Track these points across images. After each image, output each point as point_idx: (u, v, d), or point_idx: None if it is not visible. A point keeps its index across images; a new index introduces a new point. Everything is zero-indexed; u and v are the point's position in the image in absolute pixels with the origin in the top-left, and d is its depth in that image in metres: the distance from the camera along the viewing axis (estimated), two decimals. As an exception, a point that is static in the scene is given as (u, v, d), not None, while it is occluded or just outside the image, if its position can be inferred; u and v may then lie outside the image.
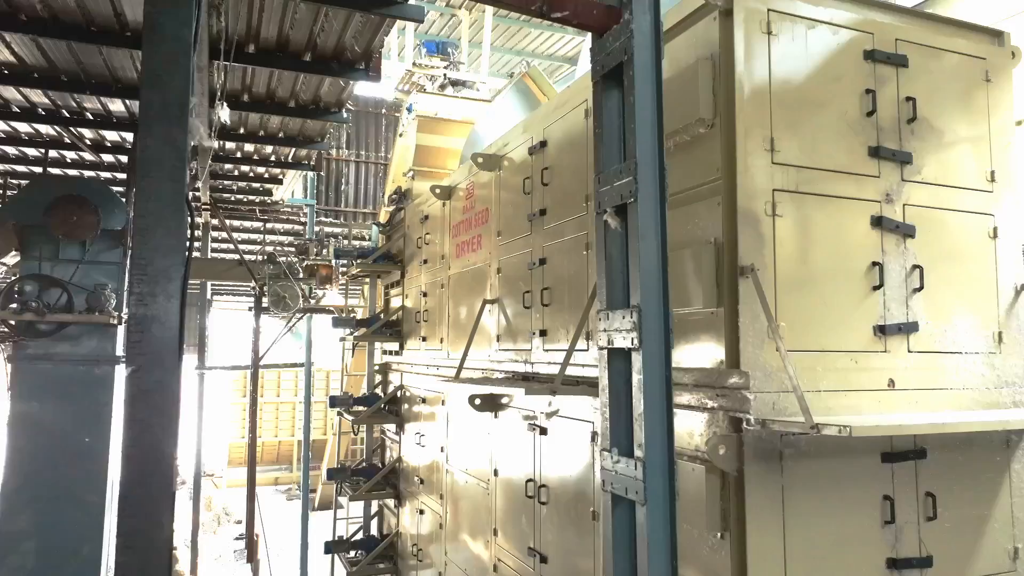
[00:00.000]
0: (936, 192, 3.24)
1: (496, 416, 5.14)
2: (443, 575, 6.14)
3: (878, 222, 3.07)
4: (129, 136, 6.87)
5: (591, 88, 3.99)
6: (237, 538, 11.47)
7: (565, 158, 4.24)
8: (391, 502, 7.88)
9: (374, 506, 8.71)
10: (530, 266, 4.61)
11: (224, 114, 4.08)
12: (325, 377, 21.52)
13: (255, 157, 7.75)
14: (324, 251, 10.23)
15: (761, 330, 2.80)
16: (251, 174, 8.83)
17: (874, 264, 3.05)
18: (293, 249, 11.12)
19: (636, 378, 2.17)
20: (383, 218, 11.67)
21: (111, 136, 6.93)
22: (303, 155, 7.79)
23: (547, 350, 4.36)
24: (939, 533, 3.06)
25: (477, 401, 5.17)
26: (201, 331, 11.87)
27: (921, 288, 3.12)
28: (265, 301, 9.63)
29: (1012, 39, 3.55)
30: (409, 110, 8.30)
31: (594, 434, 3.79)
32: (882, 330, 3.03)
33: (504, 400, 5.11)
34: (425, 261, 7.05)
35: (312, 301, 9.97)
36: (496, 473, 5.09)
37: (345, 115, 5.88)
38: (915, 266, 3.13)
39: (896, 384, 3.04)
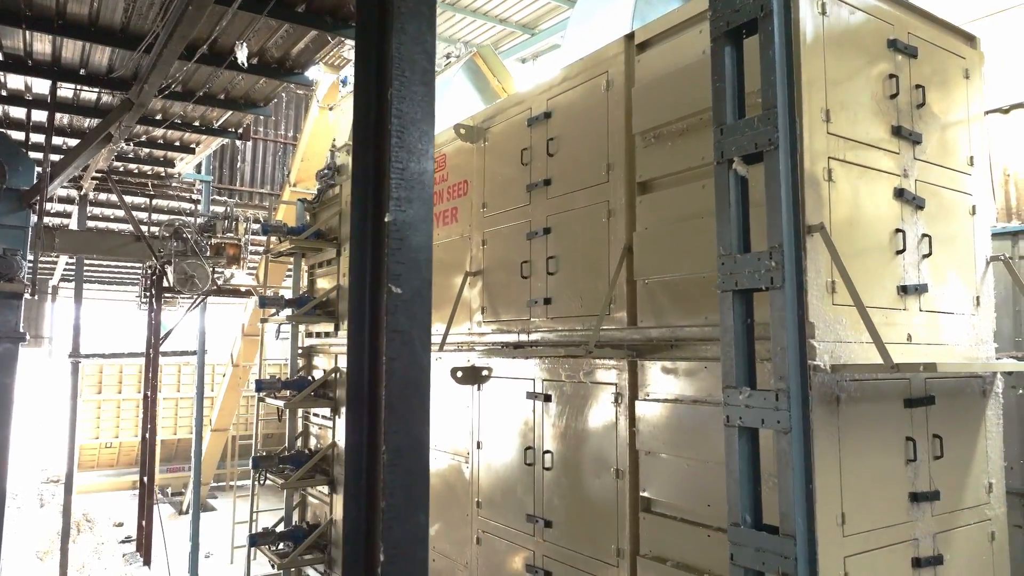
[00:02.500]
0: (935, 171, 3.66)
1: (479, 389, 5.12)
2: (400, 557, 5.99)
3: (900, 194, 3.43)
4: (39, 84, 6.11)
5: (615, 60, 4.12)
6: (123, 541, 10.45)
7: (579, 129, 4.31)
8: (323, 490, 7.55)
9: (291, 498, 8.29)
10: (529, 236, 4.64)
11: (242, 55, 3.74)
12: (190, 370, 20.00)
13: (178, 121, 7.13)
14: (231, 230, 9.58)
15: (821, 284, 3.05)
16: (161, 140, 8.11)
17: (897, 231, 3.40)
18: (190, 226, 10.31)
19: (777, 315, 2.31)
20: (287, 195, 11.12)
21: (14, 82, 6.12)
22: (233, 121, 7.28)
23: (552, 318, 4.41)
24: (943, 470, 3.47)
25: (459, 374, 5.12)
26: (76, 315, 10.69)
27: (930, 254, 3.52)
28: (167, 280, 8.87)
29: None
30: (344, 83, 7.97)
31: (618, 395, 3.90)
32: (904, 290, 3.38)
33: (485, 373, 5.10)
34: (373, 237, 6.83)
35: (220, 282, 9.31)
36: (479, 446, 5.06)
37: (309, 77, 5.58)
38: (924, 235, 3.53)
39: (912, 339, 3.40)
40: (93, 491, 18.66)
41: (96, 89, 6.16)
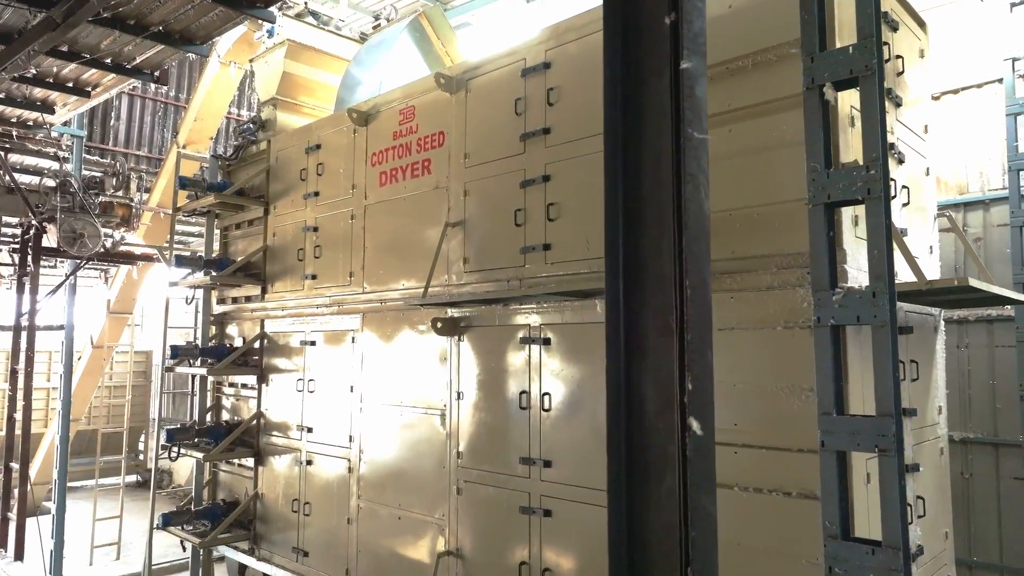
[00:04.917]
0: (906, 133, 4.19)
1: (460, 339, 5.08)
2: (353, 521, 5.80)
3: (891, 147, 3.89)
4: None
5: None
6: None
7: (586, 78, 4.42)
8: (246, 463, 7.08)
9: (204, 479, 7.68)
10: (524, 184, 4.69)
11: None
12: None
13: (86, 55, 6.37)
14: (122, 188, 8.70)
15: (849, 217, 3.40)
16: (50, 79, 7.18)
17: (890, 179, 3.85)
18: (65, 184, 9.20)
19: (873, 222, 2.58)
20: (173, 158, 10.24)
21: None
22: (154, 61, 6.63)
23: (552, 263, 4.50)
24: (915, 392, 3.98)
25: (439, 324, 5.07)
26: (-88, 282, 9.18)
27: (908, 203, 4.02)
28: (48, 240, 7.90)
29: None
30: (271, 34, 7.50)
31: (631, 332, 4.07)
32: (894, 231, 3.84)
33: (463, 324, 5.09)
34: (316, 194, 6.53)
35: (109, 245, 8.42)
36: (460, 396, 5.03)
37: (275, 12, 5.25)
38: (904, 186, 4.02)
39: (899, 276, 3.87)
40: None
41: (6, 2, 5.38)
